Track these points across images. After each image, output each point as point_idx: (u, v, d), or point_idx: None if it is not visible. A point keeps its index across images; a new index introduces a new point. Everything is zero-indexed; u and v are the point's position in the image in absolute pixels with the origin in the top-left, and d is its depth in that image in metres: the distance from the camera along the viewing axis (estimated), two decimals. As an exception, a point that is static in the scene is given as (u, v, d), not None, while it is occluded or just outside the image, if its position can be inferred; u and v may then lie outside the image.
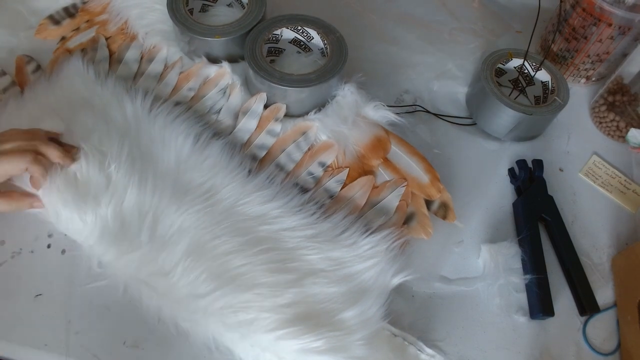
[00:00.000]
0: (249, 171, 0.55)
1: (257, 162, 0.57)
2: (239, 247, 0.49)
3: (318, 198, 0.56)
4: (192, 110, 0.60)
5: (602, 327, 0.54)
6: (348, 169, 0.59)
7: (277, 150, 0.59)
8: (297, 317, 0.46)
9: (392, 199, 0.57)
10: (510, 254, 0.55)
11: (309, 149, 0.59)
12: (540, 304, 0.53)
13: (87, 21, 0.70)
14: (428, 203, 0.58)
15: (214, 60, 0.64)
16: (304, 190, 0.57)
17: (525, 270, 0.55)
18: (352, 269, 0.51)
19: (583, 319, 0.54)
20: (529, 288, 0.54)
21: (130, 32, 0.68)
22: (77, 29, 0.69)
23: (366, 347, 0.46)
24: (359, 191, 0.57)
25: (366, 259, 0.52)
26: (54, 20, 0.70)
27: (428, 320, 0.52)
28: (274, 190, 0.54)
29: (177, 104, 0.60)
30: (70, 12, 0.71)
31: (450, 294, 0.54)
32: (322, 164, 0.59)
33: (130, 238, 0.49)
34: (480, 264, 0.56)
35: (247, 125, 0.60)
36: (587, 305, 0.54)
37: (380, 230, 0.54)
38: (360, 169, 0.59)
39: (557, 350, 0.52)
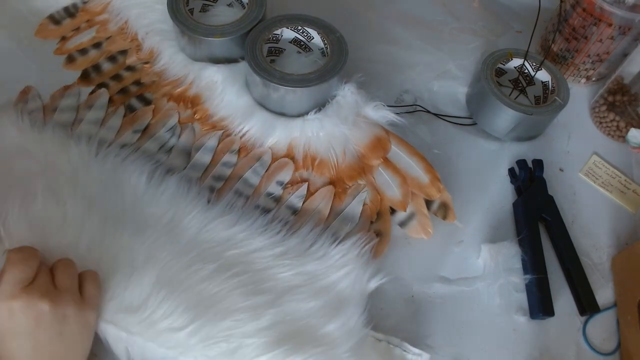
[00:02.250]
0: (208, 201, 0.54)
1: (214, 192, 0.57)
2: (210, 275, 0.48)
3: (281, 216, 0.56)
4: (141, 150, 0.58)
5: (602, 327, 0.54)
6: (307, 183, 0.58)
7: (234, 178, 0.58)
8: (281, 338, 0.45)
9: (355, 206, 0.57)
10: (510, 254, 0.55)
11: (265, 172, 0.59)
12: (540, 304, 0.53)
13: (87, 21, 0.70)
14: (428, 203, 0.58)
15: (214, 60, 0.64)
16: (266, 211, 0.56)
17: (525, 270, 0.55)
18: (326, 280, 0.50)
19: (583, 319, 0.54)
20: (529, 288, 0.54)
21: (131, 32, 0.68)
22: (77, 29, 0.69)
23: (354, 359, 0.46)
24: (321, 202, 0.57)
25: (339, 268, 0.51)
26: (54, 20, 0.70)
27: (428, 321, 0.52)
28: (236, 215, 0.53)
29: (124, 146, 0.58)
30: (70, 12, 0.71)
31: (450, 294, 0.54)
32: (280, 183, 0.58)
33: None
34: (480, 264, 0.56)
35: (201, 160, 0.59)
36: (587, 305, 0.54)
37: (349, 237, 0.54)
38: (360, 169, 0.59)
39: (557, 350, 0.52)
